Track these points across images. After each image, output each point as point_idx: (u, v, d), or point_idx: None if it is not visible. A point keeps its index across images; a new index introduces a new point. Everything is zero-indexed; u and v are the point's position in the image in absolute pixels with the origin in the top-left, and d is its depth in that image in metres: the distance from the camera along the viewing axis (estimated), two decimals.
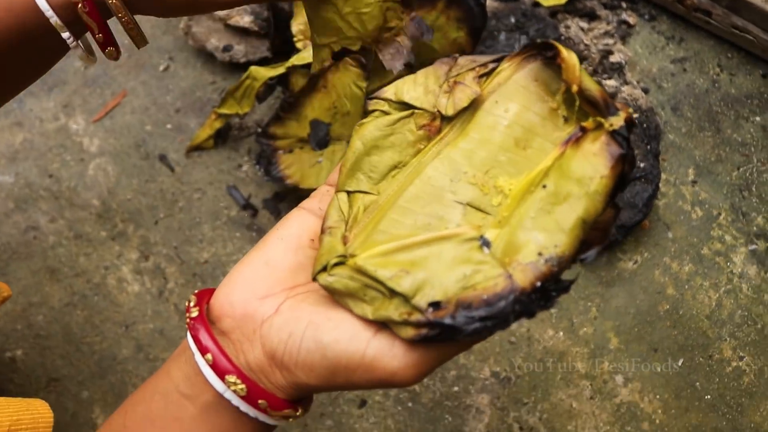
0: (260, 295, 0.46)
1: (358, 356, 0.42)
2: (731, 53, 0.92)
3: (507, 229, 0.44)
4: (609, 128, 0.44)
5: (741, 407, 0.79)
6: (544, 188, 0.44)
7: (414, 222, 0.46)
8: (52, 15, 0.50)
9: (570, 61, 0.45)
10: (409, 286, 0.42)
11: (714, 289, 0.83)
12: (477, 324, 0.41)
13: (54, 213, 0.89)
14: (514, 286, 0.41)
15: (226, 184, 0.89)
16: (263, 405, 0.45)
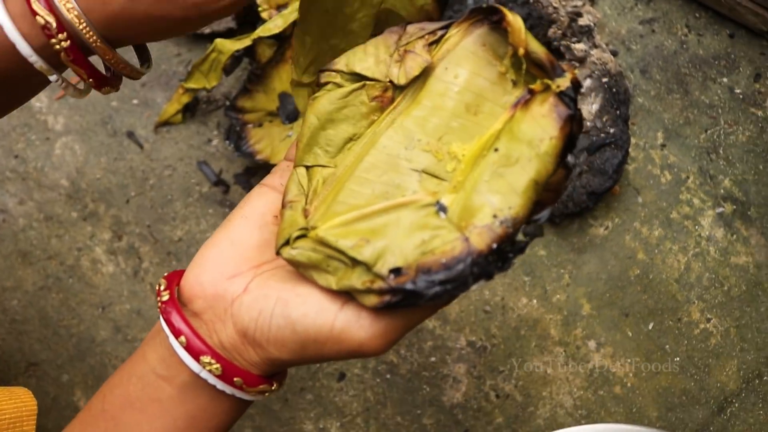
0: (228, 275, 0.47)
1: (327, 329, 0.44)
2: (699, 13, 0.92)
3: (462, 193, 0.45)
4: (556, 89, 0.45)
5: (708, 368, 0.82)
6: (496, 151, 0.45)
7: (372, 191, 0.47)
8: (36, 60, 0.47)
9: (515, 25, 0.46)
10: (370, 254, 0.44)
11: (683, 253, 0.85)
12: (437, 288, 0.42)
13: (22, 195, 0.88)
14: (471, 248, 0.42)
15: (196, 160, 0.88)
16: (239, 382, 0.47)
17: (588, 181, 0.83)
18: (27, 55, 0.46)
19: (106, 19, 0.46)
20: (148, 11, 0.46)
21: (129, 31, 0.48)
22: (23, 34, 0.46)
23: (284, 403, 0.83)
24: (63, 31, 0.45)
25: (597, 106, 0.85)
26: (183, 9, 0.46)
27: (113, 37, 0.48)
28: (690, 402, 0.82)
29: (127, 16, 0.46)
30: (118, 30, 0.47)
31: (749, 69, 0.89)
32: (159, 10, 0.46)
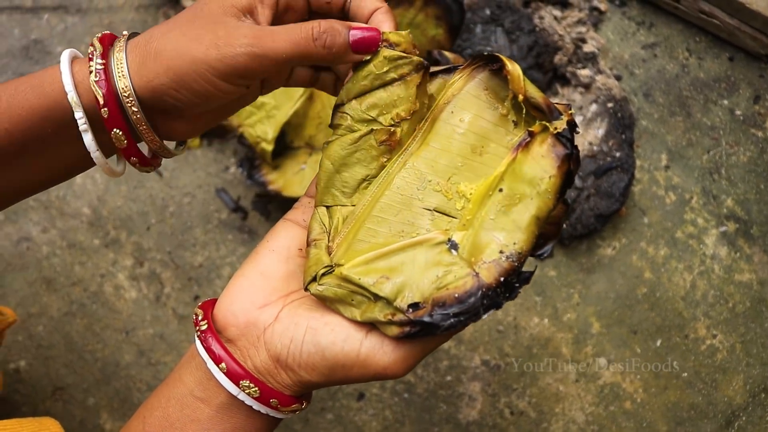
0: (259, 304, 0.52)
1: (353, 355, 0.49)
2: (699, 37, 0.95)
3: (471, 231, 0.49)
4: (554, 131, 0.49)
5: (715, 383, 0.85)
6: (500, 191, 0.49)
7: (389, 229, 0.51)
8: (95, 152, 0.50)
9: (514, 73, 0.50)
10: (390, 290, 0.48)
11: (688, 271, 0.88)
12: (452, 320, 0.47)
13: (45, 223, 0.90)
14: (481, 283, 0.47)
15: (215, 187, 0.91)
16: (275, 403, 0.51)
17: (596, 203, 0.86)
18: (78, 117, 0.49)
19: (147, 85, 0.49)
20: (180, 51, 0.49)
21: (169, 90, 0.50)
22: (81, 99, 0.49)
23: (305, 423, 0.85)
24: (114, 102, 0.49)
25: (603, 131, 0.88)
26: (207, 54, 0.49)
27: (151, 105, 0.50)
28: (698, 416, 0.85)
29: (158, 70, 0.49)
30: (157, 91, 0.50)
31: (749, 91, 0.92)
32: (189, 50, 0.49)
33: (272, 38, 0.49)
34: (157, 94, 0.49)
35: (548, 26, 0.93)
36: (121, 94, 0.49)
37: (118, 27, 0.94)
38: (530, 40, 0.90)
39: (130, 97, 0.49)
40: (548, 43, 0.91)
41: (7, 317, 0.72)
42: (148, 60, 0.49)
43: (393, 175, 0.52)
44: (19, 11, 0.95)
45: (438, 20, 0.88)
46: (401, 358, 0.49)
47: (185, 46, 0.49)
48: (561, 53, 0.92)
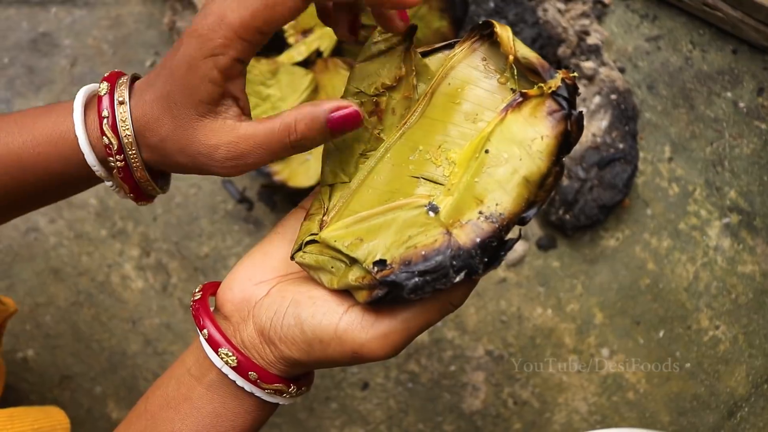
0: (256, 282, 0.52)
1: (331, 329, 0.48)
2: (703, 30, 0.95)
3: (456, 195, 0.47)
4: (547, 90, 0.47)
5: (718, 374, 0.85)
6: (486, 153, 0.47)
7: (377, 198, 0.50)
8: (98, 169, 0.52)
9: (503, 34, 0.48)
10: (363, 252, 0.47)
11: (691, 263, 0.88)
12: (417, 279, 0.44)
13: (53, 214, 0.91)
14: (452, 242, 0.45)
15: (220, 178, 0.91)
16: (253, 377, 0.50)
17: (599, 194, 0.86)
18: (91, 164, 0.52)
19: (145, 150, 0.51)
20: (171, 156, 0.51)
21: (163, 165, 0.52)
22: (92, 145, 0.51)
23: (310, 412, 0.86)
24: (121, 153, 0.51)
25: (606, 122, 0.88)
26: (194, 165, 0.51)
27: (153, 164, 0.52)
28: (701, 407, 0.85)
29: (159, 154, 0.51)
30: (156, 162, 0.52)
31: (752, 83, 0.92)
32: (178, 158, 0.51)
33: (246, 141, 0.49)
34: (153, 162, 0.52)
35: (552, 18, 0.93)
36: (127, 151, 0.51)
37: (126, 20, 0.94)
38: (534, 32, 0.91)
39: (133, 151, 0.51)
40: (552, 36, 0.91)
41: (8, 307, 0.72)
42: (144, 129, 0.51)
43: (389, 149, 0.52)
44: (27, 5, 0.95)
45: (442, 12, 0.88)
46: (380, 334, 0.47)
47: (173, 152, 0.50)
48: (564, 45, 0.93)
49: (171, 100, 0.49)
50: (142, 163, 0.51)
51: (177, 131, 0.49)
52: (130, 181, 0.52)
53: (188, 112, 0.49)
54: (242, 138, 0.49)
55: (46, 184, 0.54)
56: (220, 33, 0.47)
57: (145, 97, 0.50)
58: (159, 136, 0.50)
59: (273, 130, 0.49)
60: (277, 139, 0.49)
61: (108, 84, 0.52)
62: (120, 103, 0.50)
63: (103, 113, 0.50)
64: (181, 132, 0.49)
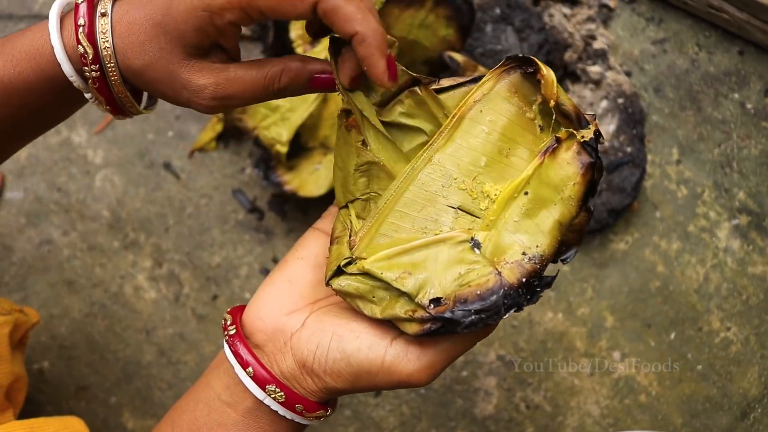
0: (287, 311, 0.53)
1: (378, 362, 0.49)
2: (709, 32, 0.95)
3: (494, 231, 0.50)
4: (581, 139, 0.50)
5: (730, 375, 0.86)
6: (525, 195, 0.50)
7: (412, 225, 0.52)
8: (76, 80, 0.52)
9: (549, 78, 0.50)
10: (413, 285, 0.48)
11: (701, 265, 0.88)
12: (473, 317, 0.47)
13: (66, 226, 0.92)
14: (503, 282, 0.47)
15: (231, 188, 0.92)
16: (300, 408, 0.51)
17: (608, 198, 0.86)
18: (68, 75, 0.51)
19: (126, 69, 0.51)
20: (152, 83, 0.51)
21: (142, 87, 0.53)
22: (69, 55, 0.51)
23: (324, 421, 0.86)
24: (96, 63, 0.50)
25: (614, 126, 0.89)
26: (176, 97, 0.51)
27: (131, 82, 0.52)
28: (713, 408, 0.85)
29: (141, 78, 0.51)
30: (135, 81, 0.52)
31: (759, 84, 0.92)
32: (160, 87, 0.51)
33: (233, 84, 0.50)
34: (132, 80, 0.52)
35: (558, 24, 0.93)
36: (105, 63, 0.50)
37: None
38: (540, 38, 0.91)
39: (111, 63, 0.51)
40: (558, 41, 0.92)
41: (31, 318, 0.73)
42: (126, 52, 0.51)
43: (418, 171, 0.52)
44: (38, 19, 0.97)
45: (448, 20, 0.89)
46: (426, 365, 0.49)
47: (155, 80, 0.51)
48: (571, 50, 0.93)
49: (162, 30, 0.49)
50: (120, 76, 0.51)
51: (162, 62, 0.50)
52: (106, 93, 0.52)
53: (177, 49, 0.50)
54: (230, 80, 0.50)
55: (31, 105, 0.53)
56: None
57: (134, 16, 0.50)
58: (142, 61, 0.50)
59: (260, 77, 0.50)
60: (261, 85, 0.51)
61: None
62: (102, 15, 0.50)
63: (79, 21, 0.50)
64: (166, 64, 0.50)
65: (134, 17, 0.50)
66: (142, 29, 0.50)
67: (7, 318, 0.68)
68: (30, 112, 0.54)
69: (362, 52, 0.47)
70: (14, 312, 0.70)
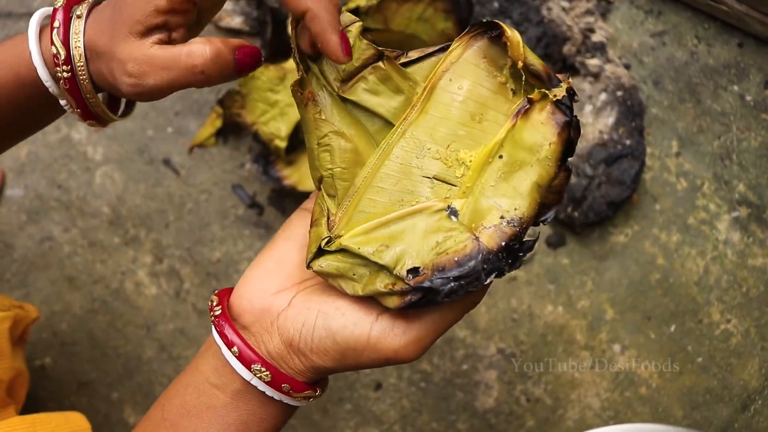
0: (273, 291, 0.52)
1: (364, 339, 0.49)
2: (708, 24, 0.95)
3: (471, 198, 0.49)
4: (553, 98, 0.49)
5: (730, 367, 0.85)
6: (500, 158, 0.49)
7: (388, 199, 0.51)
8: (51, 85, 0.53)
9: (514, 39, 0.49)
10: (390, 258, 0.48)
11: (701, 257, 0.88)
12: (452, 284, 0.46)
13: (66, 223, 0.92)
14: (482, 247, 0.47)
15: (231, 184, 0.92)
16: (286, 388, 0.51)
17: (607, 191, 0.86)
18: (44, 80, 0.52)
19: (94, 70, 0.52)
20: (101, 73, 0.52)
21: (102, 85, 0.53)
22: (45, 61, 0.52)
23: (324, 413, 0.86)
24: (68, 64, 0.51)
25: (613, 119, 0.89)
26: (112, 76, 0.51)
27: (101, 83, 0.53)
28: (714, 400, 0.85)
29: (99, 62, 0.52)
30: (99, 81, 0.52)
31: (759, 76, 0.92)
32: (105, 72, 0.52)
33: (152, 60, 0.50)
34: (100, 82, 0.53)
35: (556, 17, 0.93)
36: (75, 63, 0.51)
37: None
38: (539, 31, 0.91)
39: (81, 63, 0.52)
40: (557, 34, 0.92)
41: (30, 314, 0.73)
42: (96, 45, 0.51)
43: (393, 145, 0.52)
44: None
45: (447, 14, 0.89)
46: (412, 339, 0.49)
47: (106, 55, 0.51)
48: (570, 44, 0.93)
49: (117, 14, 0.50)
50: (89, 76, 0.52)
51: (110, 43, 0.51)
52: (77, 94, 0.53)
53: (123, 27, 0.50)
54: (147, 57, 0.50)
55: (10, 111, 0.54)
56: None
57: (104, 13, 0.51)
58: (100, 47, 0.51)
59: (178, 56, 0.50)
60: (182, 65, 0.50)
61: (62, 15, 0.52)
62: (77, 17, 0.51)
63: (55, 23, 0.51)
64: (112, 44, 0.50)
65: (104, 14, 0.51)
66: (105, 22, 0.51)
67: (6, 314, 0.68)
68: (8, 117, 0.55)
69: (314, 28, 0.47)
70: (13, 308, 0.70)
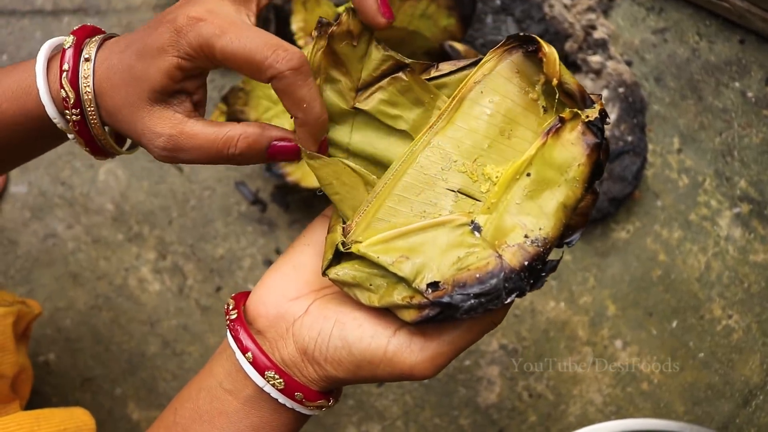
0: (290, 297, 0.52)
1: (381, 352, 0.48)
2: (709, 21, 0.95)
3: (495, 214, 0.48)
4: (585, 119, 0.48)
5: (732, 363, 0.86)
6: (528, 176, 0.48)
7: (410, 209, 0.50)
8: (59, 121, 0.53)
9: (551, 56, 0.48)
10: (410, 270, 0.47)
11: (702, 253, 0.88)
12: (472, 301, 0.45)
13: (70, 219, 0.93)
14: (504, 265, 0.45)
15: (234, 181, 0.93)
16: (299, 397, 0.50)
17: (609, 188, 0.87)
18: (52, 117, 0.52)
19: (104, 112, 0.52)
20: (122, 128, 0.52)
21: (116, 129, 0.53)
22: (53, 98, 0.52)
23: (327, 410, 0.87)
24: (78, 107, 0.51)
25: (615, 115, 0.89)
26: (138, 141, 0.52)
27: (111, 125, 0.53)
28: (715, 396, 0.85)
29: (113, 120, 0.52)
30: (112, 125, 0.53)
31: (760, 73, 0.93)
32: (126, 131, 0.52)
33: (187, 139, 0.50)
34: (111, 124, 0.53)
35: (558, 14, 0.94)
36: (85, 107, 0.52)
37: (136, 26, 0.96)
38: (541, 28, 0.92)
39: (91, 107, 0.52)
40: (559, 31, 0.92)
41: (33, 309, 0.74)
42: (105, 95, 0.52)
43: (417, 154, 0.51)
44: (41, 15, 0.97)
45: (450, 10, 0.89)
46: (429, 357, 0.48)
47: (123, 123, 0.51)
48: (572, 40, 0.93)
49: (132, 75, 0.50)
50: (99, 120, 0.52)
51: (128, 106, 0.50)
52: (86, 135, 0.53)
53: (142, 94, 0.50)
54: (184, 135, 0.50)
55: (15, 141, 0.55)
56: (193, 38, 0.48)
57: (112, 61, 0.51)
58: (114, 104, 0.51)
59: (216, 139, 0.50)
60: (216, 147, 0.50)
61: (74, 37, 0.52)
62: (86, 60, 0.51)
63: (64, 66, 0.51)
64: (131, 108, 0.50)
65: (112, 62, 0.51)
66: (116, 74, 0.50)
67: (9, 309, 0.68)
68: (13, 146, 0.55)
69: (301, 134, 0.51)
70: (16, 303, 0.71)
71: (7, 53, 0.96)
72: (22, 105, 0.53)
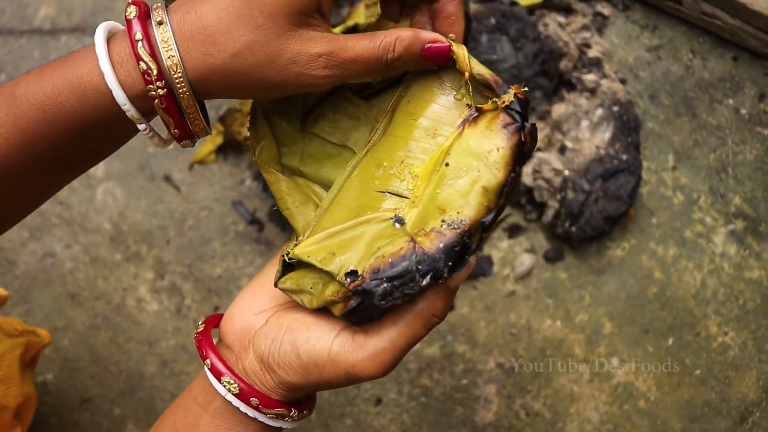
0: (255, 312, 0.55)
1: (325, 352, 0.50)
2: (702, 38, 0.96)
3: (421, 206, 0.50)
4: (501, 105, 0.50)
5: (728, 379, 0.86)
6: (447, 166, 0.50)
7: (348, 214, 0.52)
8: (129, 108, 0.47)
9: (459, 52, 0.51)
10: (336, 265, 0.49)
11: (698, 270, 0.89)
12: (385, 284, 0.47)
13: (68, 239, 0.93)
14: (417, 248, 0.47)
15: (231, 200, 0.93)
16: (255, 402, 0.52)
17: (604, 206, 0.87)
18: (121, 103, 0.47)
19: (203, 71, 0.47)
20: (247, 72, 0.47)
21: (222, 86, 0.48)
22: (120, 81, 0.47)
23: (325, 429, 0.87)
24: (162, 79, 0.46)
25: (609, 134, 0.90)
26: (282, 76, 0.48)
27: (202, 90, 0.48)
28: (712, 413, 0.86)
29: (227, 72, 0.47)
30: (212, 83, 0.48)
31: (753, 90, 0.93)
32: (259, 72, 0.47)
33: (347, 52, 0.49)
34: (204, 87, 0.48)
35: (553, 33, 0.94)
36: (171, 75, 0.46)
37: None
38: (535, 47, 0.92)
39: (179, 74, 0.47)
40: (553, 50, 0.93)
41: (43, 339, 0.74)
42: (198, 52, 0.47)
43: (355, 167, 0.54)
44: (38, 34, 0.97)
45: None
46: (370, 354, 0.49)
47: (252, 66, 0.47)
48: (566, 59, 0.94)
49: (252, 7, 0.46)
50: (189, 87, 0.47)
51: (262, 41, 0.47)
52: (175, 113, 0.48)
53: (280, 20, 0.47)
54: (344, 49, 0.49)
55: (78, 136, 0.49)
56: None
57: (199, 12, 0.47)
58: (231, 51, 0.46)
59: (374, 47, 0.49)
60: (375, 56, 0.50)
61: (136, 8, 0.47)
62: (159, 23, 0.46)
63: (136, 36, 0.46)
64: (267, 41, 0.47)
65: (200, 13, 0.46)
66: (220, 18, 0.46)
67: (18, 340, 0.69)
68: (72, 145, 0.49)
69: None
70: (27, 333, 0.71)
71: (6, 72, 0.97)
72: (82, 95, 0.47)
